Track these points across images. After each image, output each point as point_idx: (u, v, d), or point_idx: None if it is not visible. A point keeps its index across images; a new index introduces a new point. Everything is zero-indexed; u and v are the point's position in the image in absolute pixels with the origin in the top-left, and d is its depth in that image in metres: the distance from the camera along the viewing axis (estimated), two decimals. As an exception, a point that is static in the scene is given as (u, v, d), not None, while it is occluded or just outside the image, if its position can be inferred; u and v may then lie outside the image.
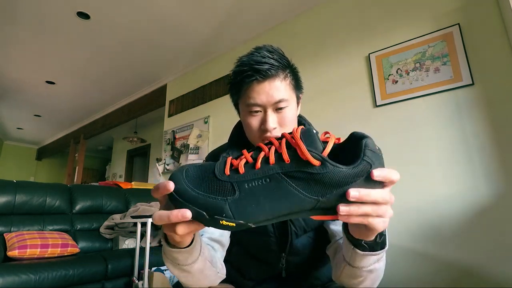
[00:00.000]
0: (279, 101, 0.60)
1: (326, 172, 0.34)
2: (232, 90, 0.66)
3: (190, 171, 0.38)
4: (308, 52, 2.34)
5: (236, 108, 0.70)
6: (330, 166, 0.34)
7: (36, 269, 1.61)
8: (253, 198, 0.35)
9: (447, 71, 1.67)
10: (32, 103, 4.67)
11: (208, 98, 3.13)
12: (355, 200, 0.34)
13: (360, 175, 0.34)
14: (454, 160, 1.58)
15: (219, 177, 0.36)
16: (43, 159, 7.35)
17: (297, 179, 0.35)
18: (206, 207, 0.35)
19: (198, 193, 0.35)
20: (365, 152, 0.35)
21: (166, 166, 3.41)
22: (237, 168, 0.37)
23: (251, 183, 0.35)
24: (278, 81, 0.61)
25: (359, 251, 0.44)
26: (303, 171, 0.34)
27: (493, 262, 1.39)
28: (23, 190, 2.09)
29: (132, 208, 2.37)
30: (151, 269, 1.94)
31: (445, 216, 1.54)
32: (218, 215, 0.34)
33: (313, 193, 0.34)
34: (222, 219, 0.34)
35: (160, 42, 2.95)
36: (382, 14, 2.01)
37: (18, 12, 2.49)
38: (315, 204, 0.35)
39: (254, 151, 0.39)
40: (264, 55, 0.61)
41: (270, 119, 0.60)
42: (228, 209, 0.34)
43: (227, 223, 0.35)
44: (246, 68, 0.60)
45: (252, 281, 0.71)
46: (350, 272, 0.49)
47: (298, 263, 0.67)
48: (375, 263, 0.47)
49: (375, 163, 0.35)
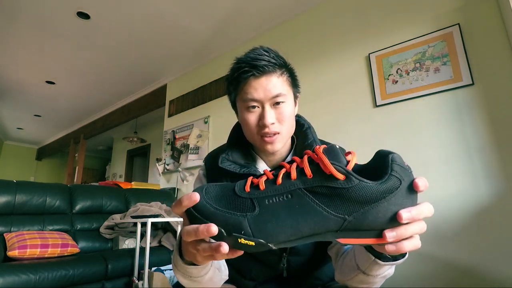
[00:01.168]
0: (277, 95, 0.61)
1: (352, 187, 0.32)
2: (229, 87, 0.67)
3: (209, 189, 0.37)
4: (308, 52, 2.34)
5: (234, 108, 0.70)
6: (355, 180, 0.32)
7: (36, 269, 1.61)
8: (273, 215, 0.33)
9: (447, 71, 1.67)
10: (32, 103, 4.67)
11: (208, 98, 3.13)
12: (408, 221, 0.32)
13: (389, 191, 0.32)
14: (454, 160, 1.58)
15: (239, 194, 0.35)
16: (43, 159, 7.35)
17: (320, 195, 0.33)
18: (225, 223, 0.33)
19: (216, 209, 0.34)
20: (393, 167, 0.33)
21: (166, 166, 3.41)
22: (258, 185, 0.36)
23: (272, 199, 0.34)
24: (275, 77, 0.62)
25: (381, 262, 0.43)
26: (327, 186, 0.33)
27: (493, 262, 1.39)
28: (23, 190, 2.09)
29: (132, 208, 2.37)
30: (151, 269, 1.94)
31: (445, 216, 1.54)
32: (237, 232, 0.33)
33: (338, 211, 0.32)
34: (241, 236, 0.33)
35: (160, 42, 2.95)
36: (382, 14, 2.01)
37: (19, 12, 2.49)
38: (342, 223, 0.33)
39: (275, 169, 0.38)
40: (260, 53, 0.62)
41: (268, 114, 0.60)
42: (247, 225, 0.33)
43: (246, 242, 0.33)
44: (243, 65, 0.61)
45: (253, 282, 0.71)
46: (362, 279, 0.49)
47: (299, 263, 0.67)
48: (390, 268, 0.47)
49: (404, 179, 0.33)
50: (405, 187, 0.33)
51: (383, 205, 0.32)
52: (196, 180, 0.75)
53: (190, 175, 3.03)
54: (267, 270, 0.69)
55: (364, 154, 2.14)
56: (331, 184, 0.32)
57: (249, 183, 0.37)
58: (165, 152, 3.49)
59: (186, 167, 3.11)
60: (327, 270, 0.71)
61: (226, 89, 0.68)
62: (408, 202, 0.33)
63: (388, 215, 0.32)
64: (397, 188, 0.32)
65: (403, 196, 0.33)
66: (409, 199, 0.34)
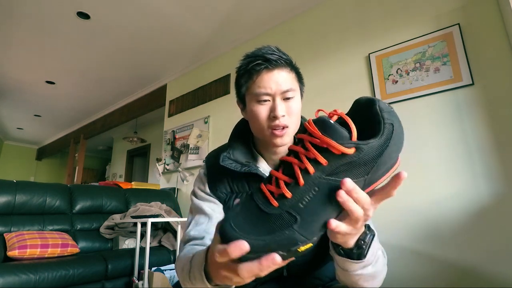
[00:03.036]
0: (288, 90, 0.63)
1: (363, 155, 0.34)
2: (240, 80, 0.67)
3: (236, 221, 0.34)
4: (308, 52, 2.34)
5: (242, 102, 0.70)
6: (364, 148, 0.34)
7: (36, 269, 1.61)
8: (313, 214, 0.34)
9: (447, 71, 1.67)
10: (32, 103, 4.67)
11: (208, 98, 3.13)
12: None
13: (388, 138, 0.35)
14: (454, 160, 1.58)
15: (270, 212, 0.35)
16: (43, 159, 7.35)
17: (340, 173, 0.35)
18: (280, 247, 0.33)
19: (264, 240, 0.33)
20: (383, 115, 0.35)
21: (166, 166, 3.41)
22: (282, 193, 0.35)
23: (303, 201, 0.34)
24: (285, 72, 0.64)
25: (337, 255, 0.48)
26: (343, 164, 0.34)
27: (493, 262, 1.39)
28: (23, 190, 2.09)
29: (132, 208, 2.37)
30: (151, 269, 1.94)
31: (445, 216, 1.54)
32: (294, 246, 0.33)
33: (358, 176, 0.35)
34: (299, 246, 0.34)
35: (160, 42, 2.95)
36: (382, 14, 2.01)
37: (18, 12, 2.49)
38: (363, 183, 0.36)
39: (283, 168, 0.38)
40: (271, 49, 0.64)
41: (279, 106, 0.62)
42: (299, 235, 0.34)
43: (305, 248, 0.34)
44: (256, 58, 0.63)
45: (254, 281, 0.71)
46: (346, 276, 0.51)
47: (300, 263, 0.67)
48: (361, 269, 0.48)
49: (395, 122, 0.35)
50: (397, 128, 0.36)
51: (387, 151, 0.35)
52: (197, 179, 0.75)
53: (190, 175, 3.03)
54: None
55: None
56: (345, 160, 0.34)
57: (270, 195, 0.36)
58: (165, 152, 3.49)
59: (186, 167, 3.11)
60: (327, 270, 0.71)
61: (236, 82, 0.69)
62: (401, 137, 0.37)
63: (392, 156, 0.36)
64: (392, 132, 0.35)
65: (398, 136, 0.36)
66: (402, 135, 0.37)
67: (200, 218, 0.68)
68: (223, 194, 0.69)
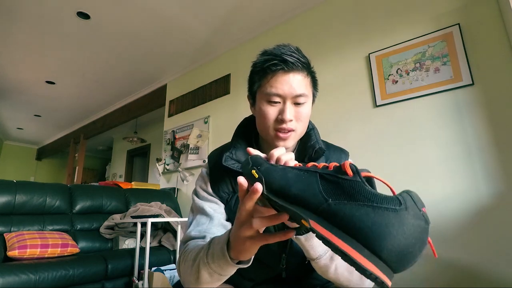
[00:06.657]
0: (300, 95, 0.62)
1: (351, 180, 0.34)
2: (254, 77, 0.66)
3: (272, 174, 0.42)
4: (308, 52, 2.30)
5: (252, 98, 0.69)
6: (358, 179, 0.34)
7: (36, 269, 1.61)
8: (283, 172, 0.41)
9: (447, 71, 1.67)
10: (32, 103, 4.67)
11: (208, 98, 3.13)
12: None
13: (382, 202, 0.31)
14: (454, 160, 1.58)
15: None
16: (43, 159, 7.35)
17: (326, 180, 0.36)
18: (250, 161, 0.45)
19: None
20: (403, 192, 0.33)
21: (166, 166, 3.41)
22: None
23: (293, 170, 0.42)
24: (301, 76, 0.63)
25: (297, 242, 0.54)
26: (335, 176, 0.36)
27: (493, 262, 1.39)
28: (23, 190, 2.09)
29: (132, 208, 2.37)
30: (151, 269, 1.94)
31: (445, 216, 1.54)
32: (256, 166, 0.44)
33: (327, 193, 0.35)
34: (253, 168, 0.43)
35: (160, 42, 2.95)
36: (382, 14, 2.01)
37: (18, 12, 2.49)
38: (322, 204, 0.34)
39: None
40: (291, 50, 0.63)
41: (288, 110, 0.61)
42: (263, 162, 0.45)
43: (254, 173, 0.43)
44: (273, 57, 0.62)
45: (252, 282, 0.71)
46: (315, 266, 0.57)
47: (298, 264, 0.67)
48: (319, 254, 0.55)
49: (408, 207, 0.31)
50: (402, 213, 0.30)
51: (365, 210, 0.30)
52: (199, 178, 0.75)
53: (190, 175, 3.03)
54: (266, 270, 0.69)
55: (364, 154, 2.14)
56: (340, 176, 0.36)
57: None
58: (165, 152, 3.49)
59: (186, 167, 3.11)
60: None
61: (250, 77, 0.68)
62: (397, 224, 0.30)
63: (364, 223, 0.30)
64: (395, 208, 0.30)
65: (394, 218, 0.30)
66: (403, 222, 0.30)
67: (201, 219, 0.68)
68: (225, 194, 0.69)
